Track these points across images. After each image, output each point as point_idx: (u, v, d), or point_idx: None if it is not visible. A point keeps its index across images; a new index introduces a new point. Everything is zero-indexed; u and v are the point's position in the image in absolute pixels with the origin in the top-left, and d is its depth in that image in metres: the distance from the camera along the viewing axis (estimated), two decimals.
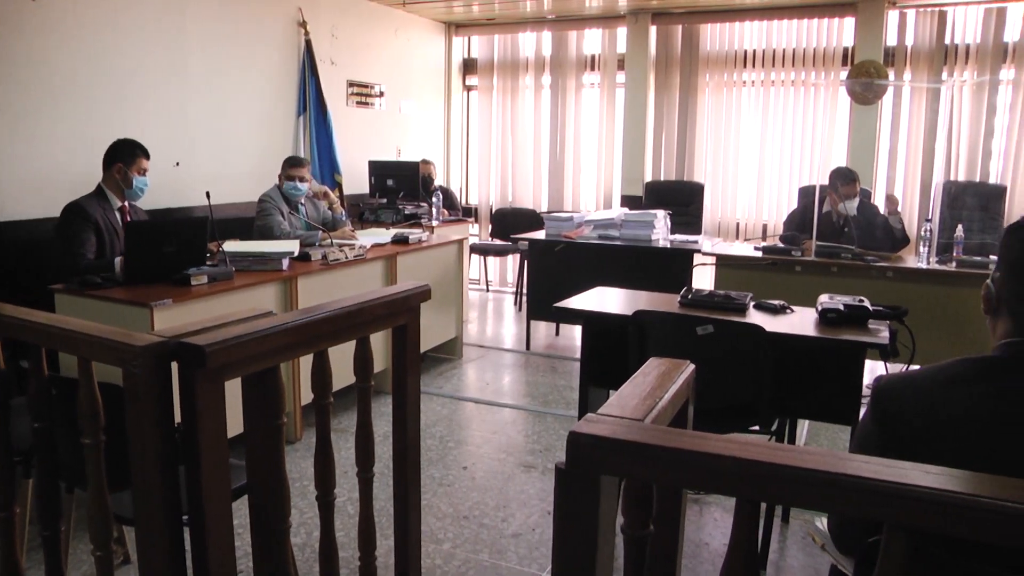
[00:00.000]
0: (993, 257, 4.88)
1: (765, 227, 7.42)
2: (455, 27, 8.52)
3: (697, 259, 5.63)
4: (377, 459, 2.08)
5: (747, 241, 7.06)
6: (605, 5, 7.50)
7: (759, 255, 5.18)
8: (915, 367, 3.74)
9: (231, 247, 4.20)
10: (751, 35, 7.40)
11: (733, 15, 7.32)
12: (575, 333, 6.26)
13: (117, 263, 3.80)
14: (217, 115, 5.64)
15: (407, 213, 6.53)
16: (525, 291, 6.61)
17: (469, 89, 8.86)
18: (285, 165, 5.16)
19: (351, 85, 7.06)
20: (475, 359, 5.94)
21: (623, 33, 7.78)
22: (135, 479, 1.55)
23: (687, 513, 3.30)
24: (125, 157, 4.12)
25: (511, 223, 7.68)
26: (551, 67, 8.25)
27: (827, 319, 3.17)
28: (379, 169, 6.88)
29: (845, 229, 5.23)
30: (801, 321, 3.26)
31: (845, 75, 6.84)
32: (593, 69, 8.12)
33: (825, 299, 3.28)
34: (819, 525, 1.72)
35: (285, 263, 4.21)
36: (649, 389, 1.28)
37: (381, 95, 7.48)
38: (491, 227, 8.29)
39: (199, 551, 1.57)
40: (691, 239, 5.78)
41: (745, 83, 7.48)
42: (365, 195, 6.97)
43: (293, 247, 4.38)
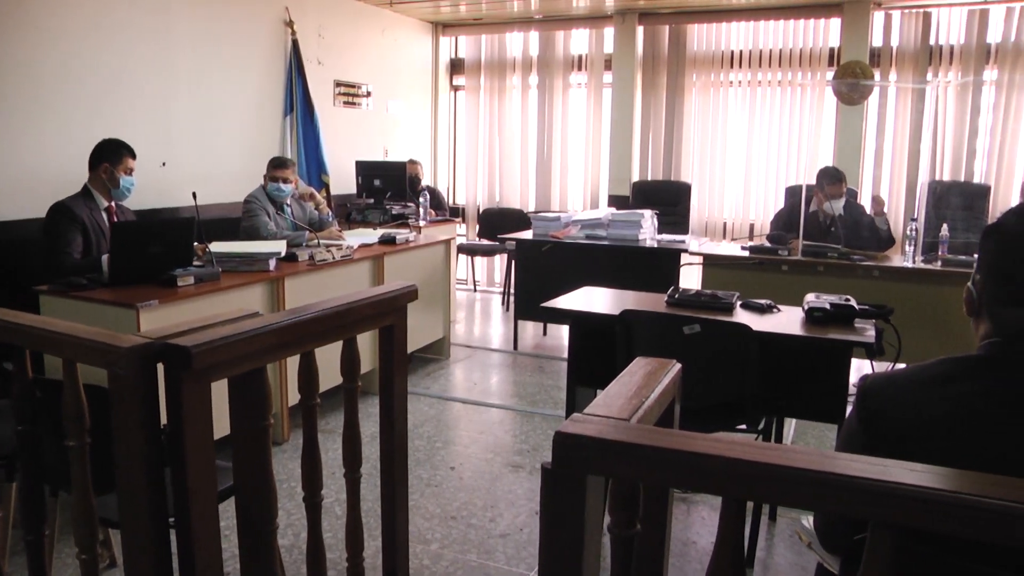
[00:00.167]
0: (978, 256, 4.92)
1: (752, 227, 7.44)
2: (442, 27, 8.52)
3: (684, 259, 5.64)
4: (364, 460, 2.08)
5: (734, 241, 7.09)
6: (592, 5, 7.51)
7: (746, 255, 5.20)
8: (901, 366, 3.78)
9: (218, 248, 4.18)
10: (738, 35, 7.43)
11: (720, 15, 7.35)
12: (562, 333, 6.26)
13: (104, 261, 3.77)
14: (204, 115, 5.61)
15: (394, 213, 6.52)
16: (512, 291, 6.61)
17: (456, 89, 8.86)
18: (269, 166, 5.14)
19: (338, 85, 7.05)
20: (463, 359, 5.93)
21: (610, 33, 7.80)
22: (120, 481, 1.54)
23: (674, 512, 3.30)
24: (111, 157, 4.10)
25: (498, 223, 7.68)
26: (538, 67, 8.25)
27: (814, 318, 3.18)
28: (366, 169, 6.87)
29: (832, 228, 5.26)
30: (788, 320, 3.27)
31: (831, 75, 6.88)
32: (580, 69, 8.13)
33: (812, 298, 3.30)
34: (805, 523, 1.73)
35: (272, 264, 4.20)
36: (635, 389, 1.28)
37: (368, 95, 7.46)
38: (478, 227, 8.28)
39: (185, 554, 1.56)
40: (678, 239, 5.79)
41: (732, 83, 7.51)
42: (352, 195, 6.95)
43: (280, 248, 4.37)
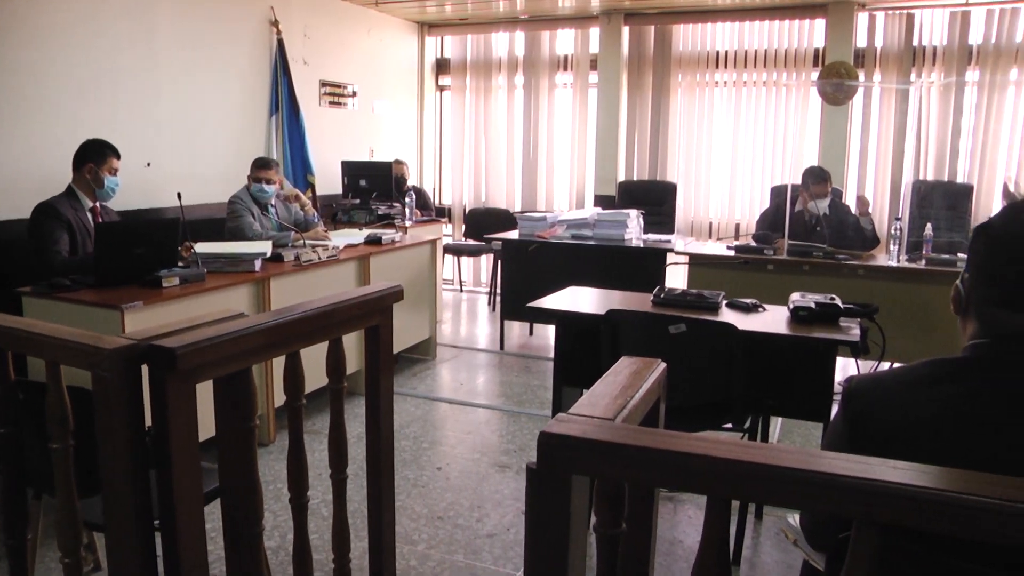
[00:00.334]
0: (961, 255, 4.96)
1: (738, 226, 7.47)
2: (428, 27, 8.51)
3: (670, 258, 5.65)
4: (351, 460, 2.07)
5: (720, 240, 7.11)
6: (578, 5, 7.52)
7: (732, 254, 5.23)
8: (886, 364, 3.79)
9: (203, 248, 4.16)
10: (723, 36, 7.45)
11: (705, 16, 7.38)
12: (549, 333, 6.26)
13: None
14: (188, 115, 5.58)
15: (380, 213, 6.51)
16: (499, 291, 6.61)
17: (442, 89, 8.85)
18: (253, 167, 5.11)
19: (324, 85, 7.02)
20: (449, 359, 5.93)
21: (596, 33, 7.81)
22: (105, 484, 1.53)
23: (661, 511, 3.31)
24: (96, 157, 4.07)
25: (484, 223, 7.68)
26: (524, 67, 8.26)
27: (799, 317, 3.20)
28: (352, 169, 6.86)
29: (817, 228, 5.29)
30: (773, 319, 3.29)
31: (816, 76, 6.91)
32: (566, 69, 8.14)
33: (797, 297, 3.31)
34: (791, 521, 1.74)
35: (257, 264, 4.18)
36: (620, 388, 1.28)
37: (354, 95, 7.45)
38: (464, 227, 8.28)
39: (171, 556, 1.55)
40: (664, 238, 5.81)
41: (717, 83, 7.54)
42: (338, 195, 6.93)
43: (265, 248, 4.35)
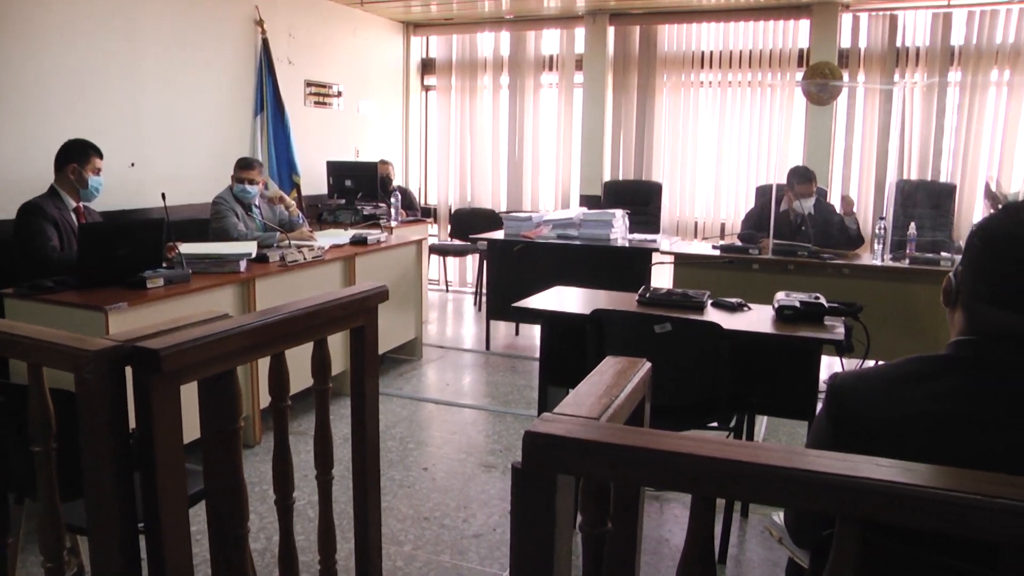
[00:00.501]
0: (944, 254, 5.01)
1: (723, 226, 7.49)
2: (413, 27, 8.49)
3: (655, 258, 5.67)
4: (337, 461, 2.07)
5: (705, 240, 7.14)
6: (563, 5, 7.53)
7: (717, 254, 5.25)
8: (870, 362, 3.81)
9: (188, 249, 4.14)
10: (708, 36, 7.48)
11: (690, 16, 7.40)
12: (535, 333, 6.26)
13: None
14: (172, 115, 5.55)
15: (366, 214, 6.49)
16: (484, 291, 6.61)
17: (427, 89, 8.84)
18: (236, 167, 5.10)
19: (309, 85, 7.00)
20: (435, 360, 5.92)
21: (581, 33, 7.82)
22: (88, 487, 1.52)
23: (647, 510, 3.31)
24: (79, 157, 4.06)
25: (470, 223, 7.67)
26: (509, 67, 8.26)
27: (784, 316, 3.21)
28: (337, 169, 6.83)
29: (802, 227, 5.31)
30: (758, 318, 3.30)
31: (800, 76, 6.96)
32: (551, 69, 8.15)
33: (782, 296, 3.33)
34: (776, 519, 1.74)
35: (243, 265, 4.16)
36: (605, 388, 1.28)
37: (339, 95, 7.43)
38: (450, 227, 8.26)
39: (155, 560, 1.54)
40: (649, 238, 5.82)
41: (703, 84, 7.56)
42: (323, 196, 6.91)
43: (250, 248, 4.33)
